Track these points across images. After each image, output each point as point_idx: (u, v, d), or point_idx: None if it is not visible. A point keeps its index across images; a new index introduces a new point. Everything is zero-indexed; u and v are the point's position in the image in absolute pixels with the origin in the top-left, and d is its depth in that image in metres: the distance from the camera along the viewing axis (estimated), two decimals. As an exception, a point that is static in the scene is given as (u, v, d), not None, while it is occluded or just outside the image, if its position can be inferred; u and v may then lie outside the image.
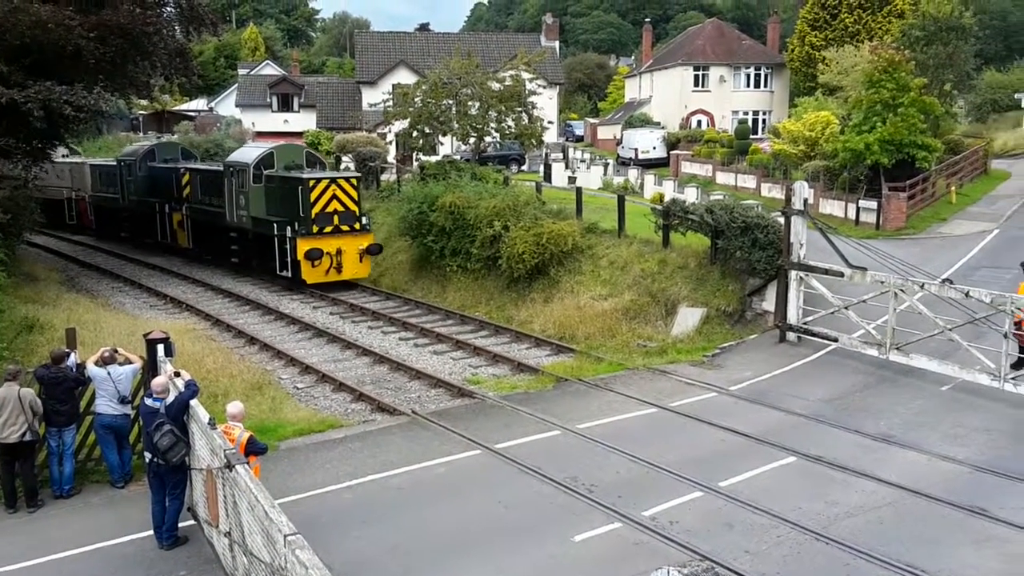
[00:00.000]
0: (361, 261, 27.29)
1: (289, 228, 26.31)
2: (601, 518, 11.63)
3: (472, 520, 11.66)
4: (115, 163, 38.65)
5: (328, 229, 26.55)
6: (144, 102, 61.30)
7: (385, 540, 11.10)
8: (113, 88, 27.88)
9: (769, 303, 21.08)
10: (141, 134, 61.94)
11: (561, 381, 17.78)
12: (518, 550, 10.85)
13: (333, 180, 27.01)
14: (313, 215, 26.31)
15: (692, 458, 13.57)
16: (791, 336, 19.99)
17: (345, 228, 26.86)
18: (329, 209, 26.55)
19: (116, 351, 12.89)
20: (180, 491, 11.08)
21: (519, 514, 11.83)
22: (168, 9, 28.28)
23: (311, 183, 26.38)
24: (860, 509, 11.82)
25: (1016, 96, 52.25)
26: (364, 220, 27.62)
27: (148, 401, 11.18)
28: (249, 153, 29.86)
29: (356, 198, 27.22)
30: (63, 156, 41.80)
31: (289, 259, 26.50)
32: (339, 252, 26.70)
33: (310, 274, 26.32)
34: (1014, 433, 14.60)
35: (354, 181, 27.70)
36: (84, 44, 21.91)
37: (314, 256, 25.95)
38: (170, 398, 11.07)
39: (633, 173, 49.29)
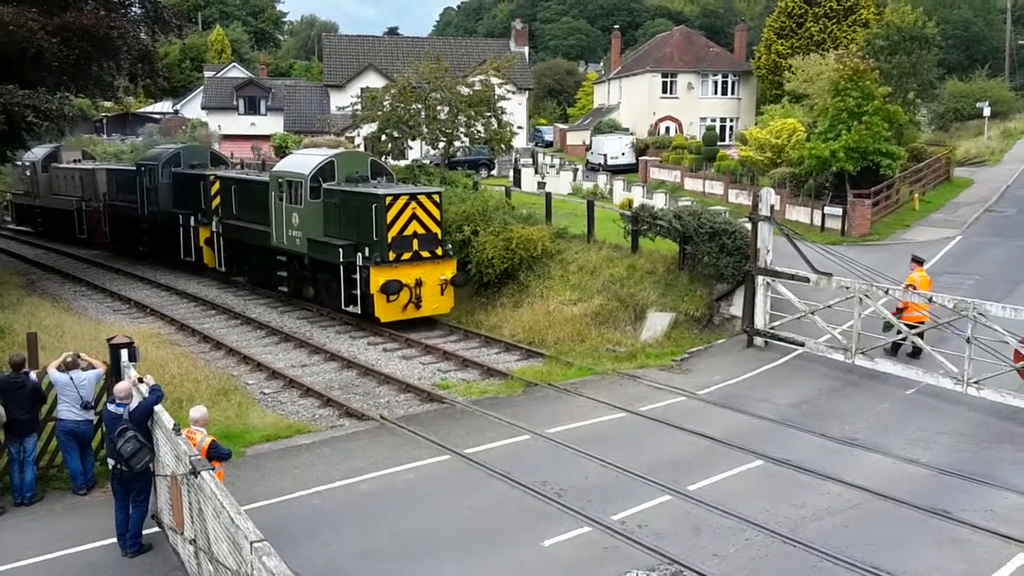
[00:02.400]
0: (442, 294, 22.78)
1: (359, 254, 21.99)
2: (571, 522, 11.63)
3: (441, 526, 11.61)
4: (134, 168, 34.31)
5: (406, 256, 22.09)
6: (109, 104, 60.64)
7: (353, 546, 11.02)
8: (77, 90, 27.53)
9: (737, 308, 21.24)
10: (105, 137, 61.15)
11: (531, 386, 17.78)
12: (488, 555, 10.81)
13: (413, 197, 22.41)
14: (390, 239, 21.78)
15: (661, 462, 13.62)
16: (758, 341, 20.15)
17: (426, 254, 22.43)
18: (408, 232, 22.09)
19: (79, 356, 12.68)
20: (144, 498, 10.91)
21: (488, 519, 11.79)
22: (133, 11, 27.99)
23: (388, 200, 21.81)
24: (826, 512, 11.93)
25: (978, 105, 53.18)
26: (447, 244, 23.29)
27: (111, 407, 11.01)
28: (303, 162, 24.84)
29: (439, 218, 22.75)
30: (74, 161, 39.86)
31: (359, 291, 22.06)
32: (418, 283, 22.17)
33: (385, 310, 21.81)
34: (976, 436, 14.82)
35: (436, 197, 23.03)
36: (47, 46, 21.59)
37: (392, 290, 21.49)
38: (133, 404, 10.91)
39: (602, 179, 49.49)
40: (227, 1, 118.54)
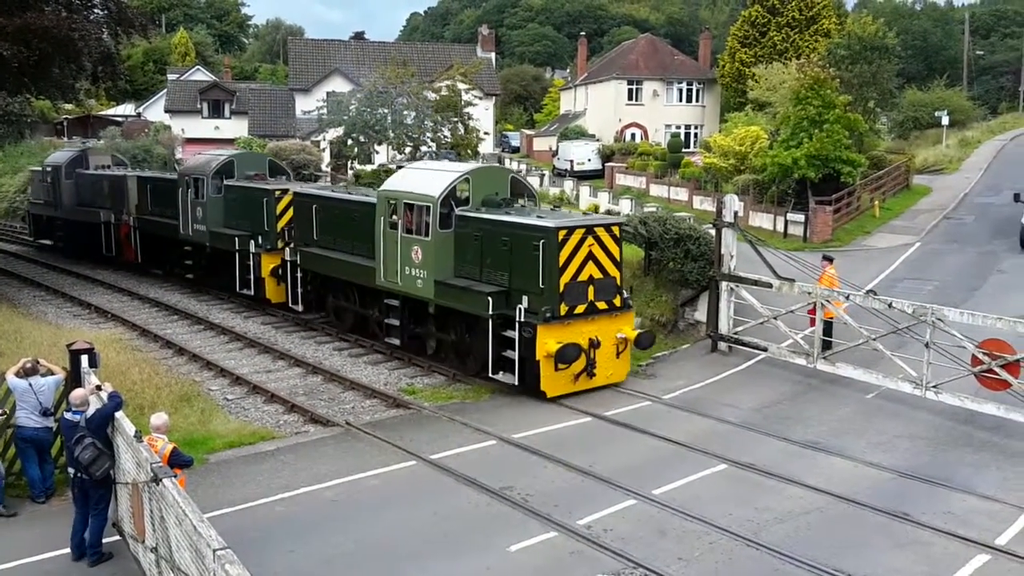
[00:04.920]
0: (618, 356, 17.81)
1: (519, 307, 16.86)
2: (537, 527, 11.65)
3: (407, 532, 11.57)
4: (173, 178, 29.40)
5: (580, 309, 17.04)
6: (69, 106, 59.73)
7: (318, 554, 10.94)
8: (37, 92, 27.10)
9: (701, 313, 21.43)
10: (65, 139, 60.22)
11: (497, 391, 17.77)
12: (454, 561, 10.80)
13: (590, 230, 17.14)
14: (562, 286, 16.68)
15: (626, 466, 13.69)
16: (722, 346, 20.33)
17: (602, 305, 17.35)
18: (583, 276, 16.98)
19: (38, 362, 12.47)
20: (103, 506, 10.76)
21: (455, 525, 11.77)
22: (96, 12, 27.64)
23: (560, 235, 16.65)
24: (789, 515, 12.06)
25: (936, 114, 54.13)
26: (623, 291, 18.13)
27: (67, 415, 10.87)
28: (429, 181, 18.87)
29: (618, 257, 17.77)
30: (103, 167, 34.75)
31: (517, 355, 16.93)
32: (593, 344, 17.15)
33: (553, 382, 16.81)
34: (935, 440, 15.08)
35: (616, 230, 17.80)
36: (6, 48, 21.24)
37: (570, 356, 16.50)
38: (91, 411, 10.76)
39: (569, 184, 49.73)
40: (191, 4, 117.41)
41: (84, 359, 12.31)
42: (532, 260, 16.81)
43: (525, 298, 16.81)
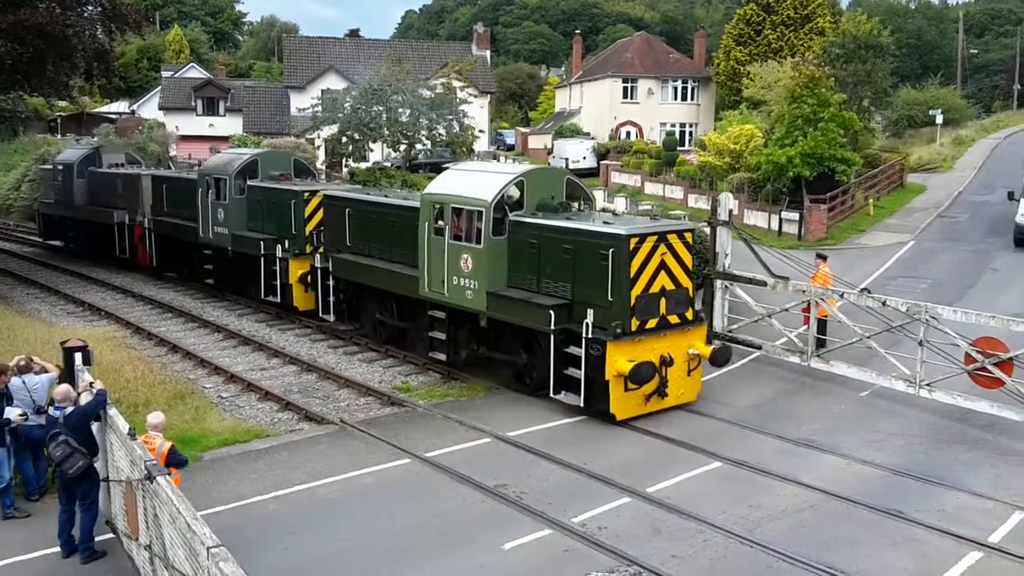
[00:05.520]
0: (689, 374, 16.46)
1: (585, 321, 15.35)
2: (531, 525, 11.65)
3: (402, 530, 11.57)
4: (191, 178, 27.94)
5: (652, 323, 15.71)
6: (63, 103, 59.57)
7: (312, 552, 10.94)
8: (31, 89, 27.03)
9: (696, 311, 21.40)
10: (59, 136, 60.05)
11: (491, 389, 17.77)
12: (448, 559, 10.80)
13: (662, 237, 15.75)
14: (634, 299, 15.35)
15: (620, 464, 13.70)
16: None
17: (674, 319, 16.04)
18: (655, 288, 15.66)
19: (32, 359, 12.45)
20: (90, 502, 10.76)
21: (449, 523, 11.78)
22: (90, 8, 27.58)
23: (632, 244, 15.28)
24: (783, 512, 12.09)
25: (931, 112, 54.31)
26: (695, 303, 16.90)
27: (51, 410, 10.93)
28: (481, 184, 17.49)
29: (690, 266, 16.48)
30: (117, 165, 33.37)
31: (583, 374, 15.44)
32: (665, 362, 15.76)
33: (624, 403, 15.50)
34: (928, 437, 15.12)
35: (689, 236, 16.53)
36: (0, 44, 21.19)
37: (644, 376, 15.17)
38: (70, 408, 10.77)
39: (563, 182, 49.64)
40: (185, 1, 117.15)
41: (78, 357, 12.28)
42: (599, 270, 15.42)
43: (590, 311, 15.34)
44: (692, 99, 66.31)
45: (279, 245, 23.24)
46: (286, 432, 15.52)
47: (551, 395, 16.14)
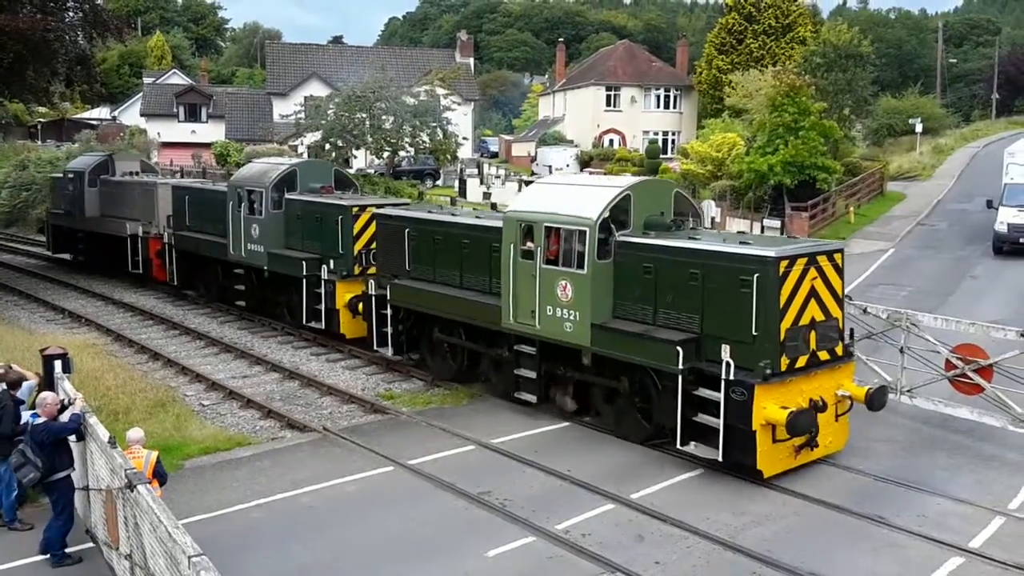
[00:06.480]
0: (837, 419, 14.03)
1: (726, 361, 12.97)
2: (515, 532, 11.63)
3: (385, 538, 11.52)
4: (218, 189, 25.98)
5: (802, 361, 13.45)
6: (44, 109, 59.13)
7: (295, 560, 10.87)
8: (11, 95, 26.85)
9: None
10: (40, 143, 59.61)
11: (475, 396, 17.74)
12: (432, 567, 10.76)
13: (812, 259, 13.60)
14: (783, 333, 13.14)
15: (604, 471, 13.69)
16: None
17: (824, 356, 13.84)
18: (805, 320, 13.47)
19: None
20: (60, 510, 10.71)
21: (432, 530, 11.73)
22: (71, 14, 27.44)
23: (781, 267, 13.07)
24: (767, 518, 12.12)
25: (911, 121, 54.80)
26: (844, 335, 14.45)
27: (28, 415, 10.99)
28: (584, 200, 15.24)
29: (841, 294, 14.34)
30: (131, 174, 31.70)
31: (721, 422, 13.03)
32: (817, 407, 13.35)
33: (772, 456, 13.20)
34: (910, 444, 15.21)
35: (839, 258, 14.27)
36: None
37: (803, 426, 12.90)
38: (34, 419, 10.76)
39: (546, 190, 49.75)
40: (168, 7, 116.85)
41: (57, 364, 12.18)
42: (739, 299, 13.13)
43: (726, 347, 13.09)
44: (675, 107, 66.66)
45: (324, 266, 21.14)
46: (268, 440, 15.43)
47: (677, 446, 13.72)
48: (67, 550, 10.74)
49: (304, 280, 21.39)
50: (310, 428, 15.85)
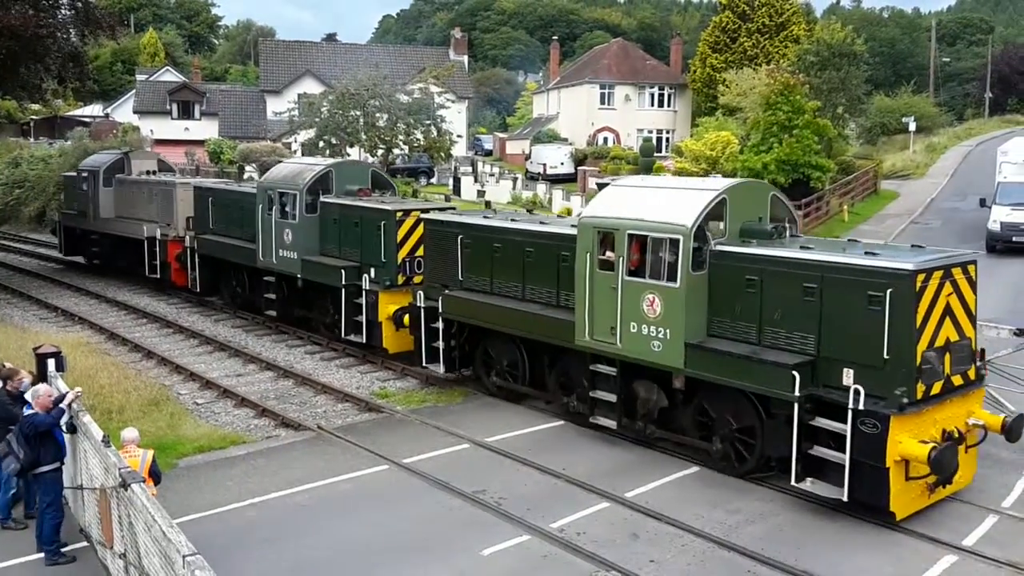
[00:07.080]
0: (967, 451, 12.49)
1: (854, 388, 11.51)
2: (510, 531, 11.63)
3: (379, 536, 11.51)
4: (244, 191, 24.73)
5: (937, 388, 11.90)
6: (36, 107, 58.94)
7: (289, 559, 10.86)
8: (3, 92, 26.75)
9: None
10: (32, 140, 59.42)
11: (470, 394, 17.74)
12: (427, 565, 10.76)
13: (947, 273, 11.99)
14: (919, 357, 11.61)
15: (599, 469, 13.71)
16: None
17: (958, 381, 12.28)
18: (940, 341, 11.93)
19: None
20: (46, 505, 10.67)
21: (427, 529, 11.73)
22: (63, 11, 27.35)
23: (918, 282, 11.53)
24: (761, 516, 12.14)
25: (904, 120, 54.97)
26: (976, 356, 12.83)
27: (25, 408, 10.99)
28: (669, 205, 13.76)
29: (975, 311, 12.61)
30: (148, 173, 30.32)
31: (847, 457, 11.58)
32: (953, 439, 11.98)
33: (904, 496, 11.77)
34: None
35: (973, 270, 12.49)
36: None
37: (948, 466, 11.56)
38: (27, 411, 10.81)
39: (541, 188, 49.80)
40: (160, 4, 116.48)
41: (51, 363, 12.14)
42: (867, 318, 11.66)
43: (848, 372, 11.77)
44: (669, 106, 66.65)
45: (364, 275, 19.79)
46: (263, 439, 15.41)
47: (793, 483, 12.26)
48: (63, 549, 10.72)
49: (343, 290, 20.07)
50: (304, 427, 15.83)
